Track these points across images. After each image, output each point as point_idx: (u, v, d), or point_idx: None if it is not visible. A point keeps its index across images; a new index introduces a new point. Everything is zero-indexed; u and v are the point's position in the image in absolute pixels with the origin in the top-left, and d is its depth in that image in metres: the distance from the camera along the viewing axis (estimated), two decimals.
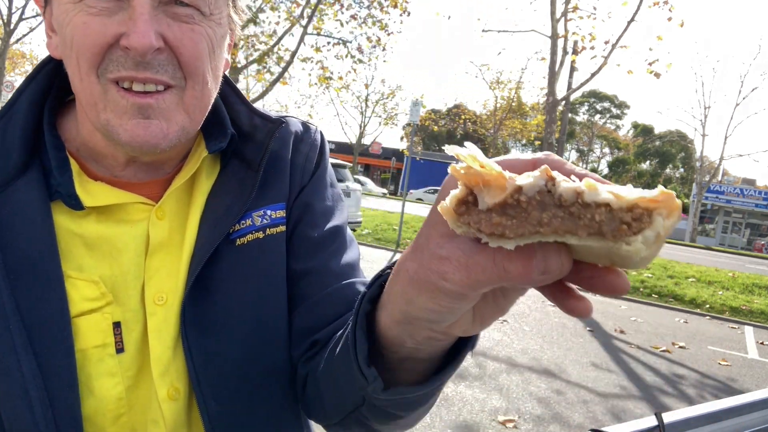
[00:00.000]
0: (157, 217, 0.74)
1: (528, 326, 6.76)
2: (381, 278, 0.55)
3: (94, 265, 0.70)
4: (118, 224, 0.72)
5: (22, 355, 0.62)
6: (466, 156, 0.37)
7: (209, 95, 0.70)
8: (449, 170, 0.38)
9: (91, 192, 0.70)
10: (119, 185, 0.73)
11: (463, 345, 0.56)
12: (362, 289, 0.74)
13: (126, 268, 0.71)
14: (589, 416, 4.28)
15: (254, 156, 0.79)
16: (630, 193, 0.34)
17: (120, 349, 0.70)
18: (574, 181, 0.36)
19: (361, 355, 0.55)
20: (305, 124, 0.89)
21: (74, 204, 0.69)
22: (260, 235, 0.78)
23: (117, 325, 0.70)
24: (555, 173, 0.36)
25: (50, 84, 0.73)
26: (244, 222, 0.77)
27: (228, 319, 0.75)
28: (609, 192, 0.34)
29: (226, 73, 0.78)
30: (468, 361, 5.12)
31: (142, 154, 0.70)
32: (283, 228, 0.81)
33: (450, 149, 0.38)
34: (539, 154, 0.42)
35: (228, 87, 0.83)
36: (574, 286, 0.42)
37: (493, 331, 6.26)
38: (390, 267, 0.53)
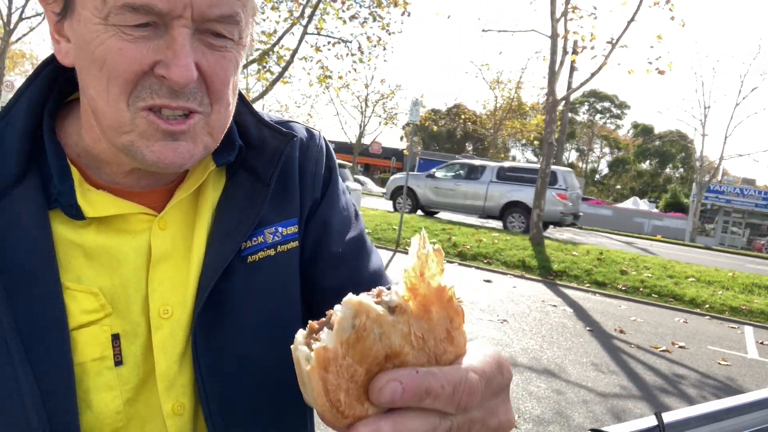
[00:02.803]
0: (159, 227, 0.72)
1: (528, 326, 6.76)
2: None
3: (93, 276, 0.67)
4: (119, 234, 0.70)
5: (20, 368, 0.60)
6: None
7: (230, 116, 0.69)
8: None
9: (92, 202, 0.68)
10: (120, 193, 0.71)
11: None
12: None
13: (126, 279, 0.69)
14: (589, 416, 4.28)
15: (265, 170, 0.77)
16: None
17: (118, 362, 0.67)
18: None
19: None
20: (309, 130, 0.88)
21: (75, 214, 0.66)
22: (271, 252, 0.76)
23: (116, 338, 0.68)
24: None
25: (50, 86, 0.71)
26: (255, 239, 0.75)
27: (239, 337, 0.73)
28: None
29: None
30: None
31: (164, 172, 0.68)
32: (295, 244, 0.79)
33: None
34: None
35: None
36: None
37: (493, 331, 6.27)
38: None
